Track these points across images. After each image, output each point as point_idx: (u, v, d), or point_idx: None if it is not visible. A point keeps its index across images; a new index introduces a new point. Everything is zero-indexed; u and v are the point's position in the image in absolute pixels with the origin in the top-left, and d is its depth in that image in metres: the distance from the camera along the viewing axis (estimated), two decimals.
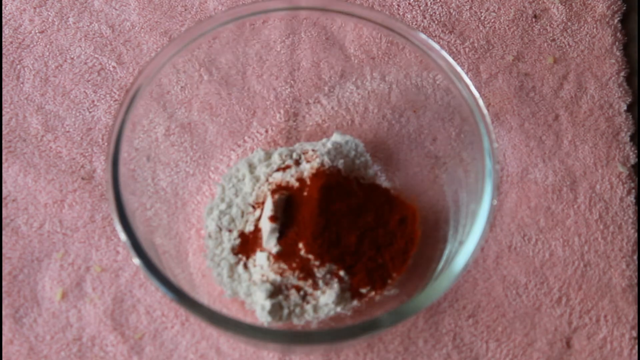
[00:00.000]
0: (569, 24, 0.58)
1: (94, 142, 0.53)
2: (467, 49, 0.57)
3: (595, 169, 0.53)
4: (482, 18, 0.58)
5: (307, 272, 0.45)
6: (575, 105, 0.55)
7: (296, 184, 0.47)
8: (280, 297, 0.45)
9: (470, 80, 0.43)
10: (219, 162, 0.51)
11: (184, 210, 0.49)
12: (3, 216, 0.50)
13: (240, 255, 0.47)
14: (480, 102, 0.42)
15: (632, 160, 0.54)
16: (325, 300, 0.45)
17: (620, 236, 0.51)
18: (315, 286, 0.45)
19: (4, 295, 0.48)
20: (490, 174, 0.41)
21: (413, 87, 0.49)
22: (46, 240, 0.50)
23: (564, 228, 0.51)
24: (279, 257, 0.45)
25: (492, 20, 0.58)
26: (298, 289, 0.45)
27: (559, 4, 0.59)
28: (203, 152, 0.51)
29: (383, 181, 0.51)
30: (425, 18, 0.58)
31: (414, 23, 0.57)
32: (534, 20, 0.58)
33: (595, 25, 0.58)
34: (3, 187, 0.51)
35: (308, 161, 0.48)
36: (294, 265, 0.45)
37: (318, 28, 0.52)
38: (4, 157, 0.52)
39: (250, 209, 0.48)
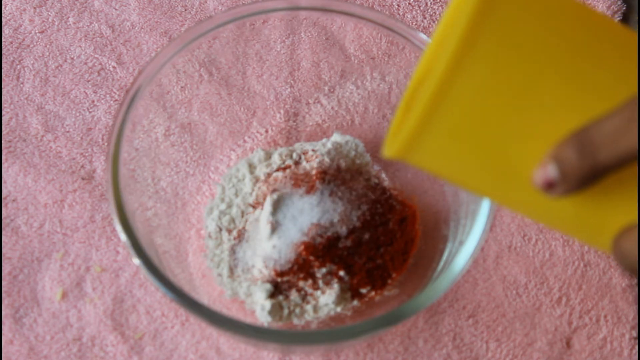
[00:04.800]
0: None
1: (94, 142, 0.53)
2: None
3: None
4: None
5: (307, 272, 0.45)
6: None
7: (296, 184, 0.47)
8: (280, 297, 0.45)
9: None
10: (219, 162, 0.51)
11: (184, 210, 0.49)
12: (3, 216, 0.50)
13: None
14: None
15: None
16: (325, 300, 0.45)
17: None
18: (315, 286, 0.45)
19: (4, 295, 0.48)
20: None
21: None
22: (46, 240, 0.50)
23: None
24: (278, 257, 0.45)
25: None
26: (298, 289, 0.45)
27: None
28: (203, 152, 0.51)
29: (383, 181, 0.51)
30: (425, 18, 0.58)
31: (414, 23, 0.57)
32: None
33: None
34: (3, 187, 0.51)
35: (308, 161, 0.48)
36: (294, 265, 0.45)
37: (318, 28, 0.52)
38: (4, 157, 0.52)
39: (250, 209, 0.48)
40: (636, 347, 0.49)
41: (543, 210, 0.31)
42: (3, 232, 0.49)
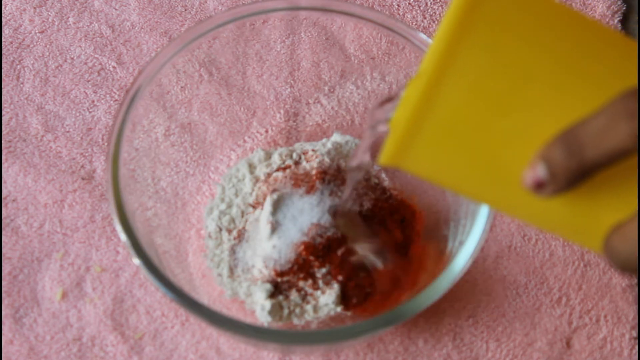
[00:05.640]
0: None
1: (94, 142, 0.53)
2: None
3: None
4: None
5: (307, 272, 0.45)
6: None
7: (296, 184, 0.47)
8: (280, 297, 0.45)
9: None
10: (219, 162, 0.51)
11: (184, 210, 0.49)
12: (3, 216, 0.50)
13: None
14: None
15: None
16: (325, 300, 0.45)
17: None
18: (315, 286, 0.45)
19: (4, 295, 0.48)
20: None
21: None
22: (46, 240, 0.50)
23: None
24: (278, 257, 0.45)
25: None
26: (298, 289, 0.45)
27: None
28: (203, 152, 0.51)
29: (383, 181, 0.51)
30: (425, 18, 0.58)
31: (414, 23, 0.57)
32: None
33: None
34: (3, 187, 0.51)
35: (308, 161, 0.48)
36: (294, 265, 0.45)
37: (318, 28, 0.52)
38: (4, 157, 0.52)
39: (250, 209, 0.48)
40: (636, 347, 0.49)
41: (535, 213, 0.31)
42: (3, 232, 0.49)
